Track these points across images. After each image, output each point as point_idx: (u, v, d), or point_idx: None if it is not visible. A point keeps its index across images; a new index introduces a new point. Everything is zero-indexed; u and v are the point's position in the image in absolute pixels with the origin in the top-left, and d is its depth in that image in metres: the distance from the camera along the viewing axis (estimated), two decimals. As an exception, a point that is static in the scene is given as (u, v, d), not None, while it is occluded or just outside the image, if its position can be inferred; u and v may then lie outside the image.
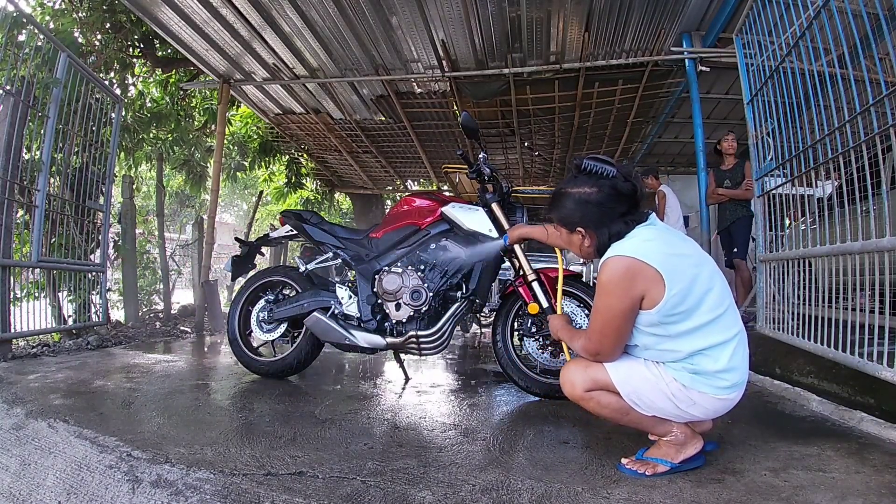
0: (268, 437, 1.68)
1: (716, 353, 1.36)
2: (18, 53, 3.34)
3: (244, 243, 3.02)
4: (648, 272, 1.31)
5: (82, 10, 5.24)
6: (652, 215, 1.47)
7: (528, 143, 6.82)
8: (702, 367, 1.36)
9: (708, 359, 1.36)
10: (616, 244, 1.38)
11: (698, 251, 1.44)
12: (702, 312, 1.34)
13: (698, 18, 3.97)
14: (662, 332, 1.37)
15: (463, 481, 1.37)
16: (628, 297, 1.33)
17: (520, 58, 4.56)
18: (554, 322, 1.74)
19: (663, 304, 1.32)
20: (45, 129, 3.29)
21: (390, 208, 4.26)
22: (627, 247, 1.35)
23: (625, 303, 1.34)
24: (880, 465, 1.49)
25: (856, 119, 1.98)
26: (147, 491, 1.32)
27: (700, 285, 1.35)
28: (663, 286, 1.31)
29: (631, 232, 1.40)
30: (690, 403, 1.38)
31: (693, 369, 1.37)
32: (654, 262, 1.31)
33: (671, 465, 1.43)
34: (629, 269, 1.32)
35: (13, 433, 1.70)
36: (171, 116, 6.27)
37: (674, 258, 1.34)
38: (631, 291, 1.33)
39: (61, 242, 3.62)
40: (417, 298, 2.34)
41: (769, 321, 2.94)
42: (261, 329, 2.70)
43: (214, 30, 4.35)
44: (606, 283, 1.35)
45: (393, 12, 3.97)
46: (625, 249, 1.34)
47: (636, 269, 1.32)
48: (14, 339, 3.16)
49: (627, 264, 1.32)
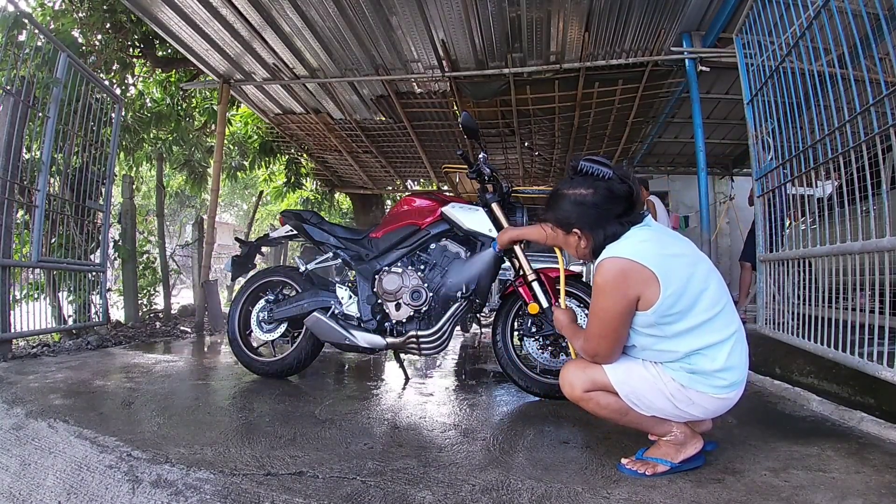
0: (268, 437, 1.68)
1: (713, 353, 1.36)
2: (18, 53, 3.34)
3: (244, 243, 3.02)
4: (643, 273, 1.31)
5: (82, 10, 5.24)
6: (648, 216, 1.47)
7: (528, 143, 6.82)
8: (699, 366, 1.36)
9: (705, 358, 1.36)
10: (611, 245, 1.38)
11: (694, 250, 1.44)
12: (697, 312, 1.34)
13: (698, 18, 3.96)
14: (659, 332, 1.37)
15: (463, 481, 1.37)
16: (624, 299, 1.34)
17: (520, 58, 4.56)
18: (559, 317, 1.72)
19: (659, 304, 1.32)
20: (45, 129, 3.29)
21: (390, 208, 4.26)
22: (622, 248, 1.35)
23: (621, 304, 1.34)
24: (880, 465, 1.49)
25: (856, 119, 1.98)
26: (147, 491, 1.32)
27: (695, 285, 1.35)
28: (658, 287, 1.31)
29: (627, 233, 1.40)
30: (689, 403, 1.38)
31: (691, 369, 1.37)
32: (648, 263, 1.31)
33: (671, 464, 1.43)
34: (624, 270, 1.33)
35: (13, 433, 1.70)
36: (171, 116, 6.26)
37: (669, 258, 1.34)
38: (626, 293, 1.33)
39: (61, 242, 3.62)
40: (417, 298, 2.34)
41: (769, 321, 2.94)
42: (261, 329, 2.70)
43: (214, 30, 4.35)
44: (602, 285, 1.36)
45: (393, 12, 3.97)
46: (620, 251, 1.35)
47: (631, 271, 1.32)
48: (14, 339, 3.16)
49: (622, 266, 1.33)
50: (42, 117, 3.29)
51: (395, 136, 6.71)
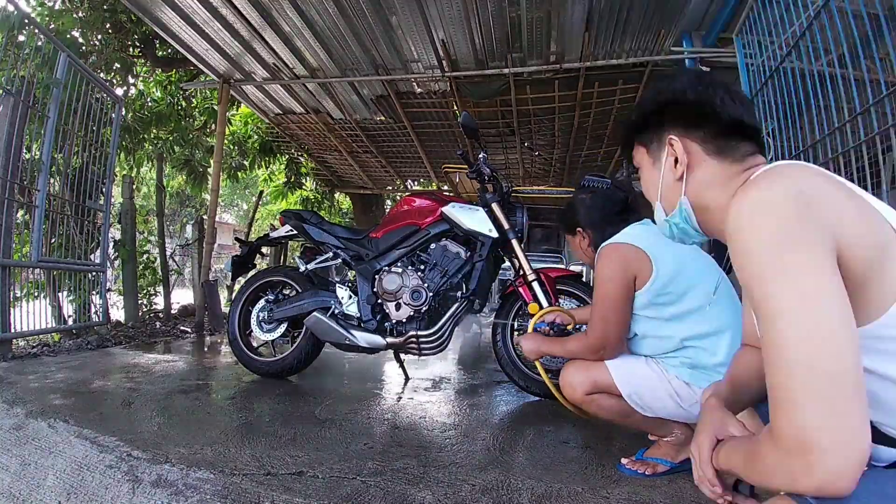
0: (268, 437, 1.68)
1: (712, 346, 1.37)
2: (18, 53, 3.34)
3: (244, 243, 3.02)
4: (637, 253, 1.42)
5: (82, 10, 5.24)
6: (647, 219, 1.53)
7: (528, 143, 6.82)
8: (699, 360, 1.37)
9: (705, 352, 1.37)
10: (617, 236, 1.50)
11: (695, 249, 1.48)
12: (690, 298, 1.40)
13: (698, 18, 3.96)
14: (655, 314, 1.42)
15: (463, 481, 1.37)
16: (623, 278, 1.43)
17: (520, 58, 4.56)
18: (529, 343, 1.64)
19: (652, 281, 1.41)
20: (45, 129, 3.29)
21: (390, 208, 4.26)
22: (618, 236, 1.49)
23: (620, 284, 1.43)
24: (880, 465, 1.49)
25: (856, 119, 1.98)
26: (147, 491, 1.32)
27: (689, 274, 1.41)
28: (651, 266, 1.41)
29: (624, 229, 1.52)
30: (694, 401, 1.37)
31: (691, 363, 1.38)
32: (641, 245, 1.42)
33: (671, 464, 1.43)
34: (619, 250, 1.45)
35: (13, 433, 1.70)
36: (172, 116, 6.26)
37: (661, 245, 1.42)
38: (625, 272, 1.43)
39: (61, 242, 3.62)
40: (417, 298, 2.34)
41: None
42: (261, 329, 2.70)
43: (214, 30, 4.35)
44: (601, 269, 1.46)
45: (393, 12, 3.97)
46: (615, 238, 1.48)
47: (626, 251, 1.44)
48: (14, 339, 3.16)
49: (617, 248, 1.45)
50: (42, 117, 3.29)
51: (395, 136, 6.71)
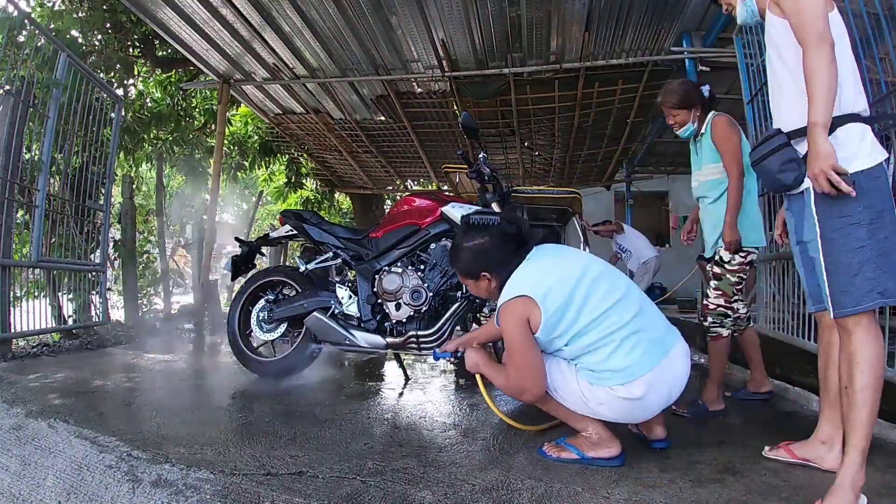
0: (268, 437, 1.68)
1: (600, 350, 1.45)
2: (18, 53, 3.34)
3: (244, 243, 3.02)
4: (526, 304, 1.48)
5: (82, 10, 5.24)
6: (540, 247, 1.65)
7: (528, 143, 6.82)
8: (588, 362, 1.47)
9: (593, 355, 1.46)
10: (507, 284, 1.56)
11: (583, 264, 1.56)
12: (582, 320, 1.46)
13: (698, 18, 3.96)
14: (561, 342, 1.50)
15: (463, 481, 1.38)
16: (522, 329, 1.49)
17: (520, 58, 4.55)
18: (472, 358, 1.72)
19: (543, 325, 1.47)
20: (45, 129, 3.29)
21: (390, 208, 4.26)
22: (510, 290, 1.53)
23: (519, 331, 1.49)
24: (881, 465, 1.49)
25: (855, 119, 1.97)
26: (147, 491, 1.32)
27: (577, 301, 1.47)
28: (539, 309, 1.47)
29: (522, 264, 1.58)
30: (598, 402, 1.47)
31: (584, 365, 1.48)
32: (528, 291, 1.49)
33: (581, 455, 1.52)
34: (510, 308, 1.51)
35: (13, 433, 1.70)
36: (172, 116, 6.26)
37: (548, 287, 1.48)
38: (520, 320, 1.49)
39: (61, 242, 3.62)
40: (417, 298, 2.34)
41: (769, 321, 2.93)
42: (261, 329, 2.70)
43: (214, 30, 4.35)
44: (502, 325, 1.53)
45: (393, 12, 3.97)
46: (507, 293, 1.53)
47: (515, 307, 1.50)
48: (14, 339, 3.16)
49: (508, 306, 1.51)
50: (42, 117, 3.29)
51: (395, 136, 6.70)
